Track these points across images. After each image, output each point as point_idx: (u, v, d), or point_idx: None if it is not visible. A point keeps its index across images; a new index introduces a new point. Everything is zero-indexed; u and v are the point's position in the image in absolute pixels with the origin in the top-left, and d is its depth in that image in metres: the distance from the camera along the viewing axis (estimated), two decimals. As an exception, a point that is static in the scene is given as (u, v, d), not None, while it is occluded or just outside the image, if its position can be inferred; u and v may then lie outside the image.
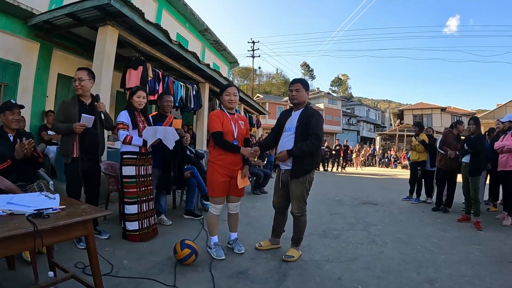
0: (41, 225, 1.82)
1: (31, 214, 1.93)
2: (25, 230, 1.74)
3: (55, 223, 1.92)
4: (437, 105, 40.83)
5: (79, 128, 3.73)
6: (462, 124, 7.28)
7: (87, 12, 6.00)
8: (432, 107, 40.46)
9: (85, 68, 4.03)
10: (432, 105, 40.97)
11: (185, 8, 13.23)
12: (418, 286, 3.15)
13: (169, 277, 3.14)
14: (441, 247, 4.44)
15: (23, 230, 1.74)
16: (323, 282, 3.21)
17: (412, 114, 40.80)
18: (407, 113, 42.20)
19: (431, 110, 40.17)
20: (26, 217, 1.89)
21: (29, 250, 2.76)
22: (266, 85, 70.29)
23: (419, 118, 38.34)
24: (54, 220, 1.95)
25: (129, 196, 4.19)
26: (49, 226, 1.86)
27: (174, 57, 8.26)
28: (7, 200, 2.14)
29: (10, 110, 3.57)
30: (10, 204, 2.04)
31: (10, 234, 1.70)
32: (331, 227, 5.37)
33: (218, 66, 16.76)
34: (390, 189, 11.21)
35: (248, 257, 3.85)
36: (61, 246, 3.53)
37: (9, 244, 1.77)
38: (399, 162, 27.01)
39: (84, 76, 3.92)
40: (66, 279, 2.48)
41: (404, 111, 43.66)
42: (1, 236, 1.67)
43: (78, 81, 3.88)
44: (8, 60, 6.91)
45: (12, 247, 1.83)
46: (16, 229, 1.74)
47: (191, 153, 6.36)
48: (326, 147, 20.09)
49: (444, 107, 40.56)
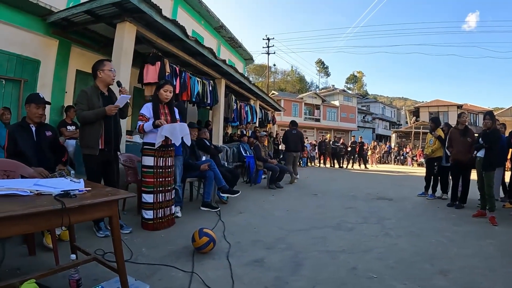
0: (68, 203, 1.88)
1: (58, 194, 2.00)
2: (53, 207, 1.81)
3: (82, 202, 1.99)
4: (453, 102, 40.31)
5: (114, 110, 3.81)
6: (462, 116, 7.18)
7: (105, 8, 6.10)
8: (448, 105, 39.91)
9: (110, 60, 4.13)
10: (448, 103, 40.43)
11: (200, 5, 13.32)
12: (431, 276, 3.16)
13: (187, 264, 3.21)
14: (454, 240, 4.42)
15: (51, 207, 1.81)
16: (338, 271, 3.24)
17: (428, 112, 40.25)
18: (423, 111, 41.69)
19: (447, 107, 39.61)
20: (53, 196, 1.96)
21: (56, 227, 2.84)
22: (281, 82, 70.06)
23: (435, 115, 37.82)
24: (81, 200, 2.01)
25: (146, 185, 4.31)
26: (76, 205, 1.92)
27: (190, 53, 8.34)
28: (34, 182, 2.23)
29: (37, 103, 3.67)
30: (37, 185, 2.11)
31: (39, 210, 1.77)
32: (345, 220, 5.39)
33: (233, 62, 16.76)
34: (405, 185, 11.13)
35: (263, 246, 3.91)
36: (80, 234, 3.61)
37: (36, 221, 1.84)
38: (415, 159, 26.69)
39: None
40: (88, 261, 2.55)
41: (420, 109, 43.11)
42: (30, 212, 1.74)
43: (115, 72, 4.04)
44: (27, 56, 7.09)
45: (38, 224, 1.90)
46: (45, 207, 1.81)
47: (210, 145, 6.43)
48: (341, 144, 20.05)
49: (460, 104, 39.97)
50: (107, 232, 3.89)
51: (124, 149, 5.88)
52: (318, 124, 45.00)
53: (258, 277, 3.02)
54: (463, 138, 6.75)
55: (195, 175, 5.77)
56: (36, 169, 3.31)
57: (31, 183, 2.18)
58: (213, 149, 6.60)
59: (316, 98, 46.01)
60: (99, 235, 3.89)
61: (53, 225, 2.10)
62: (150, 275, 2.94)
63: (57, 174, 3.31)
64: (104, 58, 4.28)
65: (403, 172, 18.42)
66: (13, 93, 6.93)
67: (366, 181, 12.29)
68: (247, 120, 13.83)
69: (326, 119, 45.99)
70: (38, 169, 3.34)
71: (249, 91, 13.75)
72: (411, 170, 20.69)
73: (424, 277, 3.15)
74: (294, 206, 6.55)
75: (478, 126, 35.50)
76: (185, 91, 8.33)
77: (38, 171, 3.29)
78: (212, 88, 10.03)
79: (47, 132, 3.80)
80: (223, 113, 11.26)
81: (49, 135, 3.81)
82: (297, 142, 10.77)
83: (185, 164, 5.52)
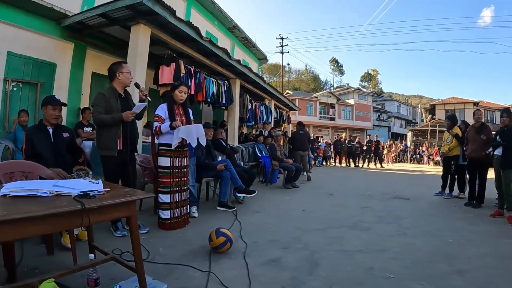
0: (88, 204, 1.90)
1: (77, 195, 2.02)
2: (74, 208, 1.83)
3: (101, 203, 2.01)
4: (470, 99, 39.66)
5: (131, 116, 3.85)
6: (476, 113, 7.05)
7: (119, 11, 6.15)
8: (465, 102, 39.30)
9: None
10: (465, 100, 39.81)
11: (213, 6, 13.38)
12: (448, 276, 3.11)
13: (203, 264, 3.22)
14: (471, 240, 4.35)
15: (71, 207, 1.83)
16: (355, 270, 3.21)
17: (444, 109, 39.76)
18: (439, 108, 41.18)
19: (463, 104, 39.02)
20: (73, 197, 1.99)
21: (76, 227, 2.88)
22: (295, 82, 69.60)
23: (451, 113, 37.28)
24: (100, 201, 2.04)
25: (163, 185, 4.35)
26: (96, 205, 1.95)
27: (205, 53, 8.37)
28: (53, 183, 2.25)
29: (53, 105, 3.71)
30: (56, 186, 2.14)
31: (59, 211, 1.80)
32: (361, 220, 5.36)
33: (247, 62, 16.77)
34: (421, 184, 11.01)
35: (280, 246, 3.90)
36: (98, 234, 3.64)
37: (56, 221, 1.86)
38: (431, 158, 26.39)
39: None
40: (106, 261, 2.56)
41: (436, 106, 42.58)
42: (50, 212, 1.77)
43: (131, 74, 4.06)
44: (44, 60, 7.22)
45: (58, 225, 1.93)
46: (65, 207, 1.83)
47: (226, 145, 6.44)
48: (357, 143, 19.93)
49: (476, 101, 39.32)
50: (124, 232, 3.94)
51: (141, 150, 5.92)
52: (333, 123, 44.79)
53: (275, 277, 3.02)
54: (477, 136, 6.65)
55: (211, 175, 5.78)
56: (54, 170, 3.36)
57: (50, 184, 2.21)
58: (229, 149, 6.63)
59: (330, 97, 45.79)
60: (117, 235, 3.94)
61: (73, 225, 2.13)
62: (167, 274, 2.95)
63: (75, 175, 3.35)
64: (121, 60, 4.32)
65: (419, 171, 18.24)
66: (30, 96, 7.06)
67: (382, 180, 12.21)
68: (263, 119, 13.85)
69: (341, 118, 45.74)
70: (56, 170, 3.38)
71: (264, 91, 13.75)
72: (428, 169, 20.49)
73: (441, 277, 3.10)
74: (310, 205, 6.53)
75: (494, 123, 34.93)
76: (200, 92, 8.35)
77: (56, 172, 3.33)
78: (227, 88, 10.05)
79: (64, 133, 3.84)
80: (238, 113, 11.32)
81: (66, 137, 3.85)
82: (305, 142, 11.09)
83: (202, 164, 5.55)
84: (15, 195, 1.97)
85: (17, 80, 6.76)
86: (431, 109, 43.59)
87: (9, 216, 1.64)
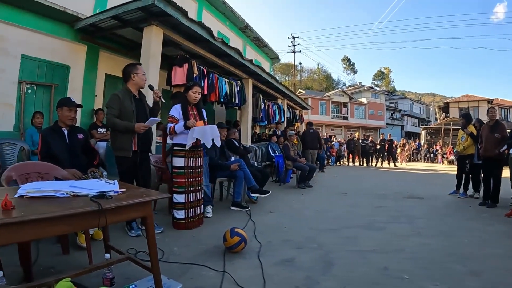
0: (105, 204, 1.92)
1: (94, 195, 2.04)
2: (91, 209, 1.85)
3: (118, 203, 2.03)
4: (484, 97, 39.07)
5: (143, 129, 3.87)
6: (490, 111, 6.97)
7: (132, 13, 6.20)
8: (479, 99, 38.73)
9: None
10: (479, 97, 39.24)
11: (225, 6, 13.43)
12: (463, 277, 3.07)
13: (218, 263, 3.22)
14: (486, 240, 4.29)
15: (89, 208, 1.85)
16: (369, 271, 3.19)
17: (458, 107, 39.24)
18: (453, 106, 40.66)
19: (477, 102, 38.46)
20: (89, 198, 2.00)
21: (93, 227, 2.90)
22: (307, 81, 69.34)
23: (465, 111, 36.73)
24: (117, 201, 2.05)
25: (177, 185, 4.37)
26: (113, 206, 1.97)
27: (217, 54, 8.42)
28: (70, 184, 2.28)
29: (69, 106, 3.75)
30: (73, 187, 2.16)
31: (77, 212, 1.82)
32: (375, 220, 5.32)
33: (259, 62, 16.79)
34: (436, 184, 10.89)
35: (294, 246, 3.89)
36: (112, 233, 3.63)
37: (74, 222, 1.88)
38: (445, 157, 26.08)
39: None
40: (122, 261, 2.59)
41: (450, 104, 42.07)
42: (69, 213, 1.79)
43: (145, 75, 4.08)
44: (57, 62, 7.32)
45: (76, 225, 1.95)
46: (82, 208, 1.85)
47: (239, 145, 6.45)
48: (370, 142, 19.81)
49: (491, 99, 38.71)
50: (138, 232, 3.97)
51: (154, 150, 5.96)
52: (346, 122, 44.61)
53: (289, 277, 3.01)
54: (491, 134, 6.56)
55: (225, 175, 5.79)
56: (70, 170, 3.39)
57: (67, 184, 2.23)
58: (242, 149, 6.62)
59: (343, 96, 45.62)
60: (131, 235, 3.97)
61: (90, 225, 2.14)
62: (182, 274, 2.96)
63: (90, 176, 3.38)
64: (135, 62, 4.34)
65: (433, 170, 18.02)
66: (44, 98, 7.15)
67: (396, 180, 12.11)
68: (275, 119, 13.88)
69: (354, 117, 45.55)
70: (71, 170, 3.41)
71: (277, 90, 13.77)
72: (442, 168, 20.23)
73: (456, 277, 3.06)
74: (324, 205, 6.51)
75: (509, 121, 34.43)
76: (213, 92, 8.40)
77: (72, 172, 3.37)
78: (240, 88, 10.10)
79: (79, 134, 3.87)
80: (251, 113, 11.37)
81: (81, 138, 3.88)
82: (315, 141, 11.56)
83: (215, 164, 5.56)
84: (32, 196, 1.99)
85: (31, 82, 6.85)
86: (444, 107, 43.09)
87: (27, 216, 1.65)
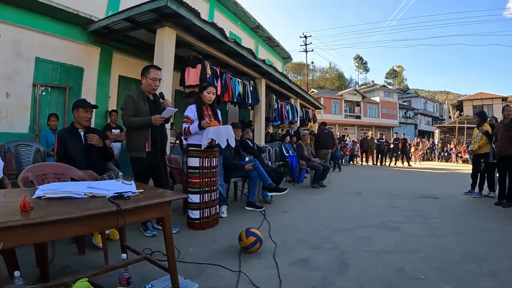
0: (123, 205, 1.93)
1: (112, 196, 2.06)
2: (109, 209, 1.86)
3: (137, 204, 2.04)
4: (498, 94, 38.37)
5: (159, 120, 3.88)
6: (505, 109, 6.82)
7: (144, 15, 6.25)
8: (493, 97, 38.07)
9: (159, 68, 4.17)
10: (493, 95, 38.58)
11: (236, 6, 13.47)
12: (479, 278, 3.03)
13: (233, 263, 3.22)
14: (502, 241, 4.22)
15: (107, 209, 1.86)
16: (385, 271, 3.16)
17: (472, 105, 38.62)
18: (467, 104, 40.05)
19: (491, 100, 37.80)
20: (107, 198, 2.01)
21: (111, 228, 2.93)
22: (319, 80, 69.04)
23: (479, 109, 36.25)
24: (135, 202, 2.06)
25: (192, 186, 4.38)
26: (131, 206, 1.98)
27: (230, 54, 8.46)
28: (87, 184, 2.29)
29: (85, 107, 3.80)
30: (90, 188, 2.17)
31: (96, 212, 1.83)
32: (390, 220, 5.28)
33: (272, 62, 16.75)
34: (450, 183, 10.74)
35: (309, 246, 3.88)
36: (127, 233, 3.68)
37: (92, 222, 1.89)
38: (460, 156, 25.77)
39: (160, 76, 4.11)
40: (139, 261, 2.60)
41: (464, 102, 41.41)
42: (88, 214, 1.80)
43: (159, 82, 4.07)
44: (71, 64, 7.43)
45: (94, 225, 1.97)
46: (101, 209, 1.86)
47: (253, 145, 6.45)
48: (385, 141, 19.67)
49: (505, 96, 37.93)
50: (154, 232, 4.00)
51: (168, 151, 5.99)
52: (359, 121, 44.37)
53: (305, 277, 3.00)
54: (507, 132, 6.44)
55: (239, 175, 5.80)
56: (86, 171, 3.43)
57: (84, 185, 2.24)
58: (256, 149, 6.62)
59: (356, 95, 45.39)
60: (147, 235, 3.99)
61: (109, 226, 2.15)
62: (198, 274, 2.97)
63: (106, 176, 3.41)
64: (152, 65, 4.34)
65: (447, 169, 17.82)
66: (59, 100, 7.25)
67: (410, 179, 12.01)
68: (288, 119, 13.88)
69: (367, 116, 45.30)
70: (88, 171, 3.45)
71: (289, 90, 13.78)
72: (456, 167, 19.97)
73: (472, 278, 3.02)
74: (338, 205, 6.49)
75: (525, 119, 33.83)
76: (226, 92, 8.43)
77: (88, 173, 3.41)
78: (253, 88, 10.12)
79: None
80: (264, 112, 11.41)
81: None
82: (328, 140, 11.70)
83: (230, 164, 5.57)
84: (50, 196, 2.00)
85: (45, 84, 6.96)
86: (458, 105, 42.51)
87: (46, 218, 1.66)
